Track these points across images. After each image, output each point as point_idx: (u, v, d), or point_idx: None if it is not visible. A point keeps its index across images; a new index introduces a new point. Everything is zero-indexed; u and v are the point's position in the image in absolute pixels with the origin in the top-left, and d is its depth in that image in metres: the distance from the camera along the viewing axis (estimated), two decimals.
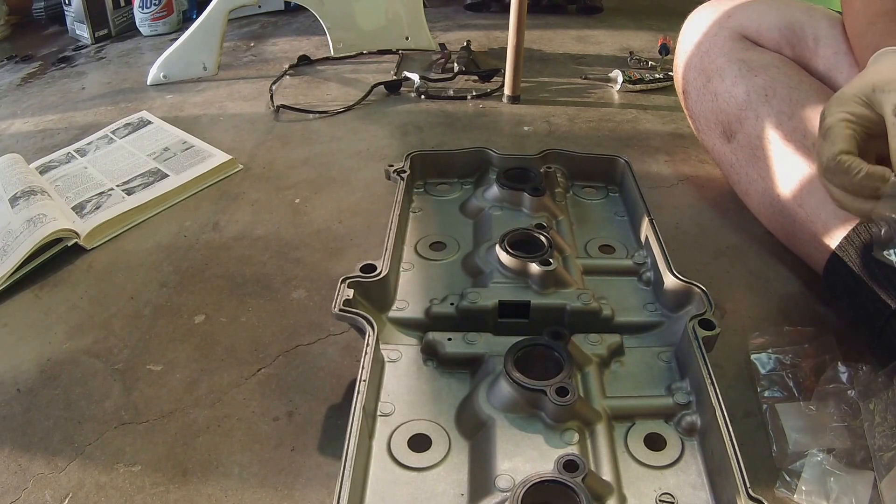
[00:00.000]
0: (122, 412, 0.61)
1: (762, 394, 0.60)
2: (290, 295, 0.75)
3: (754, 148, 0.76)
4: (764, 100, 0.75)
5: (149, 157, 1.03)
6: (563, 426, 0.48)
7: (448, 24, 1.67)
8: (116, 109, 1.24)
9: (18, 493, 0.54)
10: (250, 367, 0.66)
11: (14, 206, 0.86)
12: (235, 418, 0.60)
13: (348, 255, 0.82)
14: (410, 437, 0.49)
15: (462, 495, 0.46)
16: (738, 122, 0.78)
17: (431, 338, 0.56)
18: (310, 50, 1.47)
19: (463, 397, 0.53)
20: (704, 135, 0.87)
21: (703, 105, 0.85)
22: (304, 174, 1.00)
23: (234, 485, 0.54)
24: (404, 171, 0.76)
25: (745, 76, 0.78)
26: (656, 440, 0.50)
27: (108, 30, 1.66)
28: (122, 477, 0.55)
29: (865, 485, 0.51)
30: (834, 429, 0.54)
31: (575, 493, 0.42)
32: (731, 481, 0.42)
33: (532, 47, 1.47)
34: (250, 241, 0.85)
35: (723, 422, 0.46)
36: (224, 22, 1.31)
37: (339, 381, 0.64)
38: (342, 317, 0.55)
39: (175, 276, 0.79)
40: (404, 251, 0.68)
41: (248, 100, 1.26)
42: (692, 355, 0.52)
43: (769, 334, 0.64)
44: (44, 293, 0.77)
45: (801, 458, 0.53)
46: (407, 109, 1.21)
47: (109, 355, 0.68)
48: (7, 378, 0.66)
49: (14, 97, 1.33)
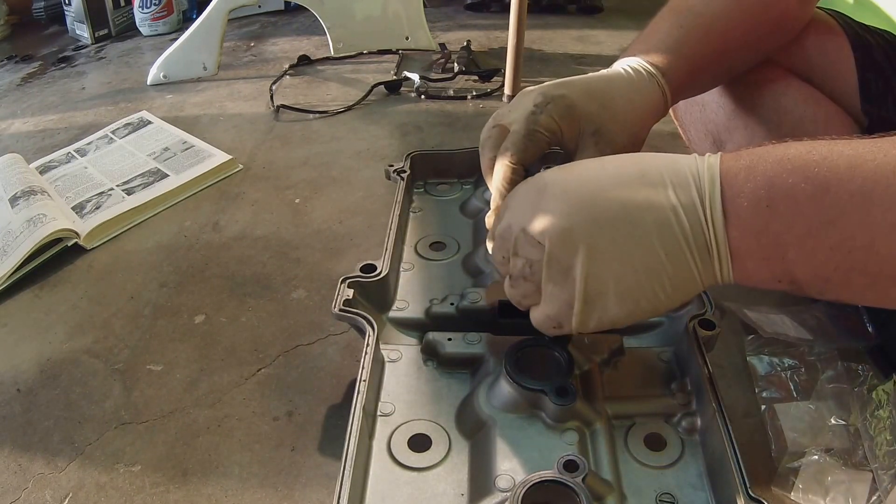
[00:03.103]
0: (122, 412, 0.61)
1: (761, 394, 0.60)
2: (290, 295, 0.75)
3: None
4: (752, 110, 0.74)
5: (149, 157, 1.03)
6: (563, 426, 0.48)
7: (448, 24, 1.67)
8: (116, 109, 1.24)
9: (18, 492, 0.54)
10: (250, 367, 0.66)
11: (14, 206, 0.86)
12: (235, 418, 0.60)
13: (348, 255, 0.82)
14: (410, 437, 0.49)
15: (462, 495, 0.46)
16: (727, 132, 0.77)
17: (431, 338, 0.56)
18: (310, 50, 1.47)
19: (463, 397, 0.53)
20: (695, 145, 0.86)
21: (691, 116, 0.84)
22: (304, 174, 1.00)
23: (234, 485, 0.54)
24: (404, 170, 0.76)
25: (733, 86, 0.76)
26: (656, 440, 0.50)
27: (108, 30, 1.66)
28: (122, 477, 0.55)
29: (863, 484, 0.51)
30: (832, 428, 0.55)
31: (575, 492, 0.42)
32: (730, 481, 0.42)
33: (532, 47, 1.47)
34: (250, 241, 0.85)
35: (722, 422, 0.46)
36: (224, 22, 1.31)
37: (339, 381, 0.64)
38: (342, 317, 0.55)
39: (175, 276, 0.79)
40: (404, 251, 0.68)
41: (248, 100, 1.26)
42: (692, 355, 0.52)
43: (766, 335, 0.64)
44: (44, 293, 0.77)
45: (800, 457, 0.53)
46: (407, 109, 1.21)
47: (109, 355, 0.68)
48: (7, 378, 0.66)
49: (14, 97, 1.33)
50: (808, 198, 0.36)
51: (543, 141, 0.52)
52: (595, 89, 0.54)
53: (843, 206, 0.35)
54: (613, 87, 0.55)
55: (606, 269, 0.40)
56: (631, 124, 0.54)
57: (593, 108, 0.53)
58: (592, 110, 0.53)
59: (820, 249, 0.36)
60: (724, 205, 0.38)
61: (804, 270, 0.38)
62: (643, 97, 0.55)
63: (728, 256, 0.39)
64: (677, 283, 0.40)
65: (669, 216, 0.39)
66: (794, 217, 0.37)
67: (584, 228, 0.40)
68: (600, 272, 0.40)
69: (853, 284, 0.37)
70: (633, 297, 0.40)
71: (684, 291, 0.41)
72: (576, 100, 0.53)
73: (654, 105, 0.55)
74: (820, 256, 0.37)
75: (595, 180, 0.42)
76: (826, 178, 0.36)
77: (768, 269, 0.38)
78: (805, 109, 0.68)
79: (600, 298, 0.40)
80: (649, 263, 0.39)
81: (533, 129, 0.52)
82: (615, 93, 0.54)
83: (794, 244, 0.37)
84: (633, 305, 0.40)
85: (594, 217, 0.40)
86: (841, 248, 0.36)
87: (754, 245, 0.38)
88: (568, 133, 0.53)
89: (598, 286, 0.40)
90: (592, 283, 0.40)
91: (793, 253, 0.37)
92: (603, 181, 0.41)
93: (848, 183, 0.35)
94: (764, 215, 0.37)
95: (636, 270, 0.40)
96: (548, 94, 0.52)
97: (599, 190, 0.41)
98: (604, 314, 0.41)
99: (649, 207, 0.39)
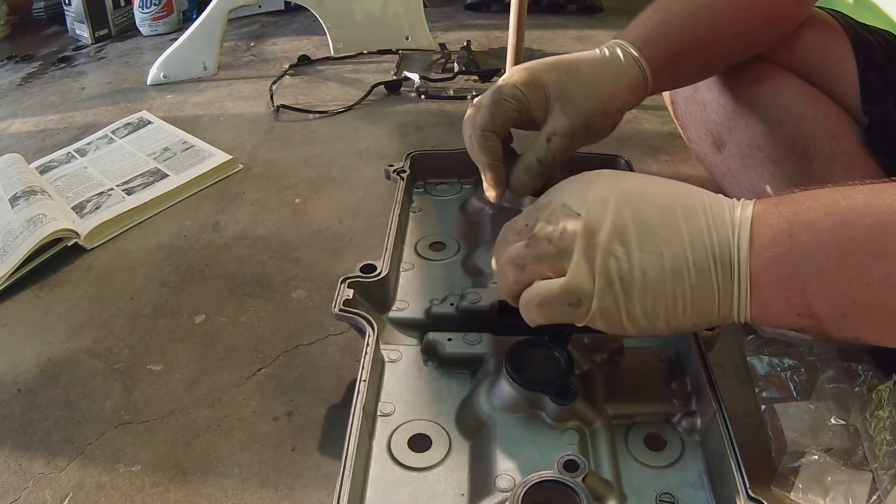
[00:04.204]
0: (122, 412, 0.61)
1: (761, 394, 0.60)
2: (290, 295, 0.75)
3: (745, 157, 0.75)
4: (753, 109, 0.74)
5: (149, 157, 1.03)
6: (563, 426, 0.48)
7: (448, 24, 1.67)
8: (116, 109, 1.24)
9: (18, 492, 0.54)
10: (250, 367, 0.66)
11: (14, 205, 0.86)
12: (235, 418, 0.60)
13: (348, 255, 0.82)
14: (410, 438, 0.49)
15: (462, 495, 0.46)
16: (727, 131, 0.77)
17: (431, 338, 0.56)
18: (310, 50, 1.47)
19: (463, 397, 0.53)
20: (696, 145, 0.86)
21: (691, 115, 0.84)
22: (304, 174, 1.00)
23: (235, 485, 0.55)
24: (404, 170, 0.76)
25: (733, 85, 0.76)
26: (656, 440, 0.50)
27: (108, 30, 1.66)
28: (122, 477, 0.55)
29: (863, 484, 0.51)
30: (832, 428, 0.55)
31: (575, 492, 0.42)
32: (731, 481, 0.42)
33: (532, 47, 1.47)
34: (250, 241, 0.85)
35: (723, 422, 0.46)
36: (224, 22, 1.31)
37: (339, 380, 0.64)
38: (342, 317, 0.55)
39: (175, 276, 0.79)
40: (404, 251, 0.68)
41: (248, 100, 1.26)
42: (692, 355, 0.52)
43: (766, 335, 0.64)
44: (44, 293, 0.77)
45: (800, 457, 0.53)
46: (407, 109, 1.21)
47: (109, 355, 0.68)
48: (7, 378, 0.66)
49: (14, 97, 1.33)
50: (827, 230, 0.37)
51: (509, 107, 0.55)
52: (560, 60, 0.57)
53: (860, 238, 0.36)
54: (581, 59, 0.57)
55: (636, 256, 0.41)
56: (600, 92, 0.55)
57: (556, 76, 0.55)
58: (555, 78, 0.55)
59: (838, 282, 0.37)
60: (751, 231, 0.40)
61: (823, 304, 0.38)
62: (614, 69, 0.56)
63: (748, 285, 0.40)
64: (696, 299, 0.41)
65: (703, 228, 0.41)
66: (813, 249, 0.38)
67: (625, 210, 0.42)
68: (630, 256, 0.41)
69: (871, 320, 0.38)
70: (654, 295, 0.41)
71: (700, 311, 0.41)
72: (539, 70, 0.56)
73: (629, 79, 0.56)
74: (838, 290, 0.37)
75: (643, 181, 0.45)
76: (845, 212, 0.37)
77: (786, 299, 0.39)
78: (805, 109, 0.69)
79: (624, 284, 0.41)
80: (677, 266, 0.40)
81: (497, 98, 0.55)
82: (581, 63, 0.56)
83: (813, 276, 0.38)
84: (652, 305, 0.41)
85: (636, 206, 0.42)
86: (858, 282, 0.37)
87: (774, 274, 0.39)
88: (534, 101, 0.55)
89: (625, 269, 0.41)
90: (621, 265, 0.41)
91: (812, 285, 0.38)
92: (650, 184, 0.44)
93: (865, 216, 0.37)
94: (785, 245, 0.38)
95: (663, 268, 0.40)
96: (512, 69, 0.57)
97: (645, 189, 0.43)
98: (624, 304, 0.41)
99: (687, 216, 0.41)
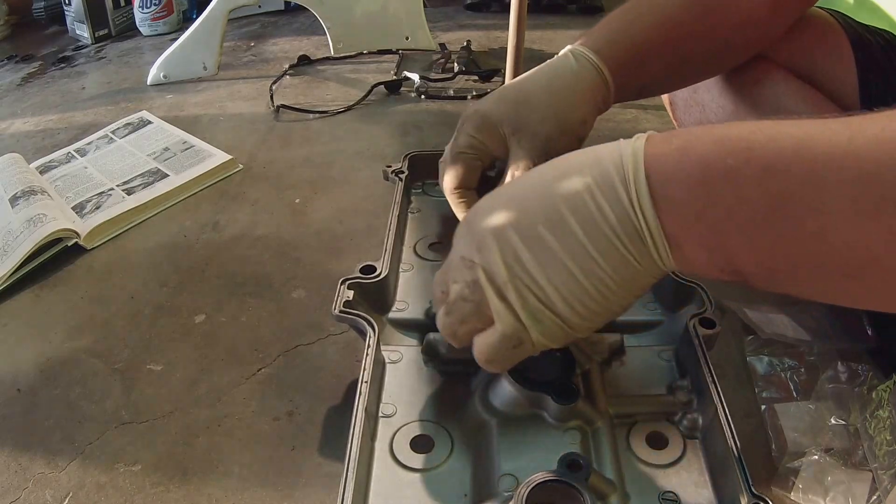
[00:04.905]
0: (122, 412, 0.61)
1: (761, 394, 0.60)
2: (290, 295, 0.75)
3: None
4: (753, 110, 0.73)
5: (149, 157, 1.03)
6: (565, 426, 0.48)
7: (448, 24, 1.68)
8: (116, 109, 1.24)
9: (19, 492, 0.54)
10: (250, 367, 0.66)
11: (14, 205, 0.86)
12: (235, 418, 0.60)
13: (348, 255, 0.82)
14: (412, 438, 0.49)
15: (465, 496, 0.45)
16: None
17: (432, 338, 0.56)
18: (310, 50, 1.47)
19: (465, 398, 0.53)
20: None
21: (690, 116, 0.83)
22: (304, 174, 1.00)
23: (235, 484, 0.54)
24: (402, 171, 0.76)
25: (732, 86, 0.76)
26: (658, 439, 0.50)
27: (108, 30, 1.66)
28: (122, 477, 0.55)
29: (863, 484, 0.51)
30: (832, 428, 0.55)
31: (579, 492, 0.42)
32: (733, 479, 0.42)
33: (532, 47, 1.47)
34: (250, 241, 0.85)
35: (725, 420, 0.46)
36: (224, 22, 1.31)
37: (339, 380, 0.64)
38: (343, 318, 0.55)
39: (175, 275, 0.79)
40: (404, 252, 0.68)
41: (248, 100, 1.26)
42: (693, 354, 0.52)
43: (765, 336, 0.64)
44: (44, 293, 0.77)
45: (800, 457, 0.53)
46: (407, 109, 1.21)
47: (109, 355, 0.68)
48: (7, 378, 0.65)
49: (14, 97, 1.33)
50: (751, 182, 0.32)
51: (470, 159, 0.54)
52: (507, 91, 0.55)
53: (791, 191, 0.32)
54: (530, 80, 0.55)
55: (542, 277, 0.37)
56: (553, 114, 0.53)
57: (506, 109, 0.54)
58: (506, 111, 0.54)
59: (765, 238, 0.33)
60: (652, 189, 0.35)
61: (747, 261, 0.34)
62: (566, 82, 0.54)
63: (665, 243, 0.35)
64: (620, 279, 0.37)
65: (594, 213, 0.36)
66: (734, 203, 0.33)
67: (510, 238, 0.38)
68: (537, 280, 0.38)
69: (803, 278, 0.34)
70: (579, 300, 0.37)
71: (633, 284, 0.38)
72: (487, 109, 0.54)
73: (585, 86, 0.54)
74: (765, 246, 0.33)
75: (517, 193, 0.40)
76: (771, 160, 0.32)
77: (707, 257, 0.35)
78: (805, 109, 0.69)
79: (548, 307, 0.38)
80: (584, 265, 0.37)
81: (456, 154, 0.54)
82: (530, 86, 0.54)
83: (735, 232, 0.34)
84: (582, 307, 0.38)
85: (518, 227, 0.38)
86: (788, 238, 0.32)
87: (691, 232, 0.35)
88: (491, 143, 0.54)
89: (540, 295, 0.38)
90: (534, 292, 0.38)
91: (734, 242, 0.34)
92: (525, 191, 0.40)
93: (796, 166, 0.32)
94: (700, 201, 0.34)
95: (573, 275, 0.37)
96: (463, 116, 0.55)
97: (522, 200, 0.39)
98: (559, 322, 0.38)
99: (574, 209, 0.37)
